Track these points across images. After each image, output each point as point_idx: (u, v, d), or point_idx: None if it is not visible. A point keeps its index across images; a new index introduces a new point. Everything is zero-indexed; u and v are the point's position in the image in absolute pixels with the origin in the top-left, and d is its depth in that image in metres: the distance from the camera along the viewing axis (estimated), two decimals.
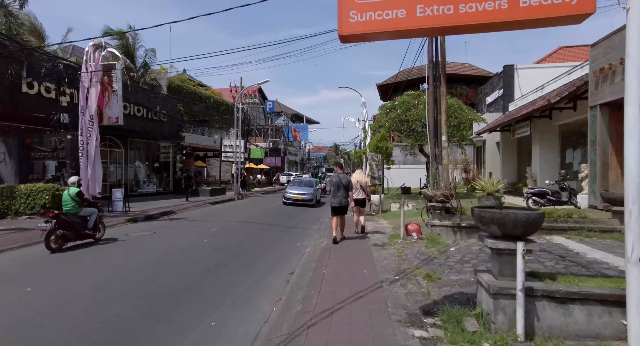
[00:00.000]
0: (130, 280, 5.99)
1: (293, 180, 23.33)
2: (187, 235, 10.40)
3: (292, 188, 19.80)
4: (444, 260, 6.52)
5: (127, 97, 19.87)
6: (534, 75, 22.38)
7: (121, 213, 14.16)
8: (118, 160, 20.18)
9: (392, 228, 10.71)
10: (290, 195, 19.13)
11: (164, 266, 6.95)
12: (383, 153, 14.51)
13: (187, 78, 40.45)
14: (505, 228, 3.53)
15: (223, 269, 6.80)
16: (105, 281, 5.90)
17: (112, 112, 12.95)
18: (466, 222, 8.08)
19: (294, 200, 18.86)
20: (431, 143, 8.90)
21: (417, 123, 18.51)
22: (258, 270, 6.86)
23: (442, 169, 8.58)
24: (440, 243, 7.73)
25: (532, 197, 12.85)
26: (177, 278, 6.13)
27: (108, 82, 12.70)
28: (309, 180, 22.08)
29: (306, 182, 21.40)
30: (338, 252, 7.61)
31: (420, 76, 32.49)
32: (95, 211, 9.00)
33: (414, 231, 8.74)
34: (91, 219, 8.83)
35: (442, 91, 8.67)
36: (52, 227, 7.90)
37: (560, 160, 17.24)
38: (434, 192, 8.21)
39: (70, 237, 8.27)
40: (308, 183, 20.86)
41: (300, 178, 24.80)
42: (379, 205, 14.37)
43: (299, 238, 10.25)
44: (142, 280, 5.99)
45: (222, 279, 6.17)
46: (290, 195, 19.13)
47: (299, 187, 20.01)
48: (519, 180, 21.32)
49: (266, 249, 8.65)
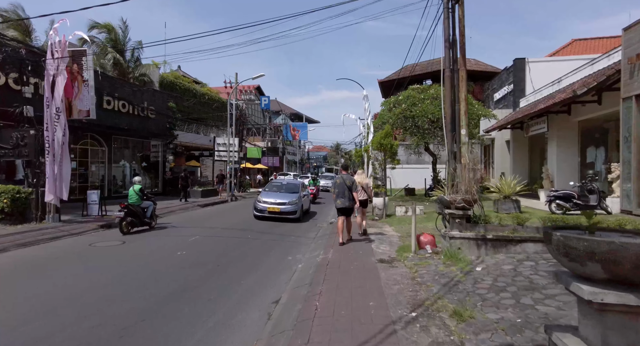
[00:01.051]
0: (51, 320, 4.54)
1: (270, 184, 16.26)
2: (161, 245, 8.97)
3: (266, 196, 13.83)
4: (471, 285, 5.07)
5: (111, 92, 18.50)
6: (547, 69, 20.91)
7: (96, 217, 12.73)
8: (101, 160, 18.75)
9: (399, 238, 9.26)
10: (264, 205, 13.23)
11: (115, 291, 5.51)
12: (387, 151, 13.06)
13: (181, 75, 39.04)
14: (620, 269, 2.07)
15: (188, 295, 5.36)
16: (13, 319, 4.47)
17: (83, 105, 11.50)
18: (492, 234, 6.64)
19: (269, 212, 13.05)
20: (448, 139, 7.48)
21: (424, 119, 17.08)
22: (234, 296, 5.42)
23: (461, 169, 7.16)
24: (461, 260, 6.29)
25: (556, 200, 11.41)
26: (123, 311, 4.69)
27: (78, 70, 11.26)
28: (291, 184, 15.65)
29: (288, 187, 15.09)
30: (336, 271, 6.17)
31: (424, 72, 31.10)
32: (152, 204, 11.21)
33: (428, 243, 7.30)
34: (149, 210, 11.01)
35: (462, 76, 7.26)
36: (124, 215, 10.09)
37: (580, 160, 15.79)
38: (453, 197, 6.77)
39: (136, 223, 10.53)
40: (290, 188, 14.87)
41: (281, 180, 17.41)
42: (383, 209, 12.93)
43: (292, 249, 8.81)
44: (74, 316, 4.55)
45: (183, 312, 4.73)
46: (264, 205, 13.23)
47: (276, 194, 14.01)
48: (530, 180, 19.86)
49: (250, 265, 7.21)
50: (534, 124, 17.19)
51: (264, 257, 7.92)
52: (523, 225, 6.73)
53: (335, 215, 14.97)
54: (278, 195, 13.85)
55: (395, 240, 8.94)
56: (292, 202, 13.41)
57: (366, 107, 14.95)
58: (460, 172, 7.22)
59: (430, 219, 11.36)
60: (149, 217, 10.95)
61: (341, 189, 8.46)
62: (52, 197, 10.62)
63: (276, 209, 13.04)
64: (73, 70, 11.08)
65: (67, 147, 10.87)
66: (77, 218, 12.37)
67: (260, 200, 13.54)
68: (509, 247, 6.51)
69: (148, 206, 10.99)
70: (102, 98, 17.85)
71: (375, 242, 8.71)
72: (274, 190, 14.74)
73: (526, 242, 6.45)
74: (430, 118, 16.98)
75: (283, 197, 13.60)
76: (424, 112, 17.00)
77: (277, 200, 13.38)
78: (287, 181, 16.98)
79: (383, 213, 12.90)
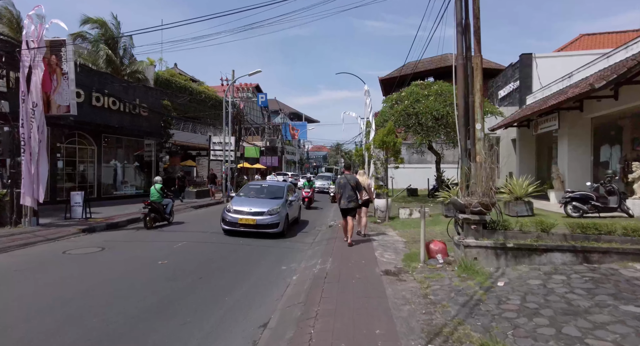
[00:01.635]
0: None
1: (247, 186, 12.83)
2: (142, 252, 8.15)
3: (239, 203, 10.53)
4: (495, 306, 4.27)
5: (100, 88, 17.68)
6: (555, 65, 20.11)
7: (80, 220, 11.92)
8: (90, 159, 17.92)
9: (405, 244, 8.45)
10: (234, 216, 9.91)
11: (78, 309, 4.69)
12: (391, 150, 12.23)
13: (177, 72, 38.23)
14: None
15: (162, 315, 4.55)
16: None
17: (62, 100, 10.67)
18: (513, 242, 5.83)
19: (241, 225, 9.83)
20: (461, 134, 6.68)
21: (427, 116, 16.25)
22: (216, 316, 4.62)
23: (475, 168, 6.36)
24: (479, 273, 5.49)
25: (572, 202, 10.60)
26: (80, 336, 3.88)
27: (56, 62, 10.43)
28: (274, 187, 12.26)
29: (270, 190, 11.82)
30: (335, 285, 5.36)
31: (427, 69, 30.31)
32: (171, 201, 12.34)
33: (439, 252, 6.48)
34: (168, 207, 12.08)
35: (477, 64, 6.46)
36: (148, 211, 10.98)
37: (593, 159, 14.99)
38: (468, 200, 5.96)
39: (158, 219, 11.46)
40: (272, 192, 11.56)
41: (259, 183, 13.30)
42: (386, 212, 12.11)
43: (286, 256, 8.00)
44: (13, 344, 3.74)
45: (150, 340, 3.92)
46: (234, 216, 9.91)
47: (252, 201, 10.70)
48: (537, 180, 19.07)
49: (239, 275, 6.40)
50: (544, 121, 16.38)
51: (254, 266, 7.10)
52: (548, 231, 5.92)
53: (334, 217, 14.26)
54: (254, 202, 10.50)
55: (400, 247, 8.13)
56: (273, 210, 9.98)
57: (367, 102, 14.13)
58: (474, 171, 6.41)
59: (436, 222, 10.57)
60: (168, 213, 12.06)
61: (345, 189, 8.40)
62: (28, 199, 9.81)
63: (250, 221, 9.69)
64: (51, 62, 10.26)
65: (45, 145, 10.08)
66: (59, 222, 11.56)
67: (229, 209, 10.11)
68: (533, 257, 5.71)
69: (168, 203, 12.14)
70: (90, 94, 17.08)
71: (379, 248, 7.90)
72: (251, 195, 11.46)
73: (552, 251, 5.64)
74: (435, 115, 16.17)
75: (261, 205, 10.23)
76: (427, 108, 16.18)
77: (252, 208, 9.99)
78: (270, 183, 13.28)
79: (386, 216, 12.09)
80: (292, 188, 13.04)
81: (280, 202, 10.66)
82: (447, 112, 15.99)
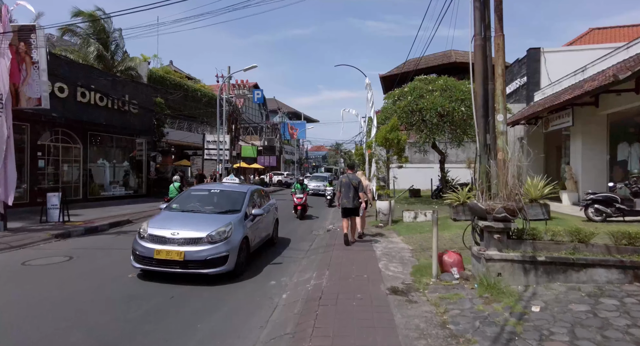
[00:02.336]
0: None
1: (185, 194, 8.15)
2: (111, 263, 7.14)
3: (162, 222, 6.48)
4: (537, 343, 3.31)
5: (86, 83, 16.72)
6: (565, 60, 19.16)
7: (56, 224, 10.95)
8: (75, 158, 16.95)
9: (412, 252, 7.50)
10: (149, 246, 5.89)
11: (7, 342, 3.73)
12: (394, 147, 11.28)
13: (173, 70, 37.27)
14: None
15: None
16: None
17: (33, 92, 9.70)
18: (545, 255, 4.87)
19: (157, 262, 5.81)
20: (479, 127, 5.73)
21: (432, 112, 15.29)
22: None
23: (495, 166, 5.41)
24: (506, 294, 4.53)
25: (594, 204, 9.65)
26: None
27: (25, 50, 9.46)
28: (228, 193, 7.87)
29: (221, 199, 7.74)
30: (332, 309, 4.41)
31: (429, 66, 29.33)
32: None
33: (454, 265, 5.53)
34: None
35: (498, 44, 5.52)
36: None
37: (609, 157, 14.04)
38: (490, 205, 5.00)
39: None
40: (224, 203, 7.53)
41: (207, 188, 8.80)
42: (389, 215, 11.16)
43: (277, 268, 7.03)
44: None
45: None
46: (149, 246, 5.89)
47: (186, 218, 6.79)
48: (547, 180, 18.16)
49: (218, 294, 5.43)
50: (555, 118, 15.44)
51: (237, 281, 6.12)
52: (587, 242, 4.96)
53: (332, 220, 13.32)
54: (189, 220, 6.55)
55: (407, 256, 7.18)
56: (218, 235, 6.00)
57: (369, 97, 13.18)
58: (494, 171, 5.46)
59: (445, 227, 9.61)
60: None
61: (347, 189, 8.27)
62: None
63: (175, 255, 5.73)
64: (20, 50, 9.30)
65: (13, 142, 9.11)
66: (31, 226, 10.60)
67: (143, 234, 6.09)
68: (569, 274, 4.75)
69: None
70: (75, 89, 16.13)
71: (383, 258, 6.94)
72: (189, 207, 7.24)
73: (594, 266, 4.69)
74: (440, 111, 15.21)
75: (198, 225, 6.25)
76: (432, 104, 15.21)
77: (179, 232, 5.96)
78: (223, 187, 8.36)
79: (389, 219, 11.14)
80: (262, 194, 8.98)
81: (235, 218, 6.54)
82: (453, 108, 15.06)
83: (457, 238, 8.63)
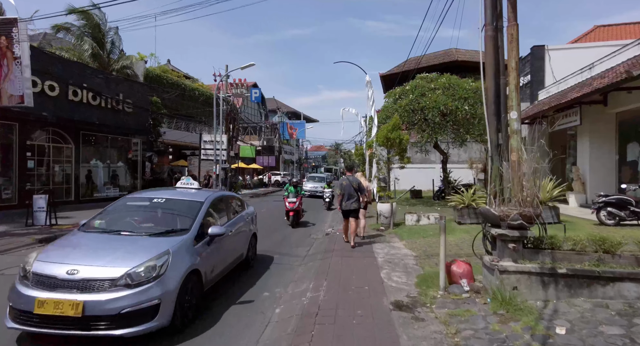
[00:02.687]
0: None
1: (117, 206, 5.63)
2: None
3: (58, 254, 4.23)
4: None
5: (78, 81, 16.24)
6: (570, 57, 18.73)
7: (42, 227, 10.49)
8: (67, 158, 16.47)
9: (415, 259, 7.02)
10: (28, 294, 3.70)
11: None
12: (396, 147, 10.80)
13: (170, 69, 36.79)
14: None
15: None
16: None
17: (15, 89, 9.23)
18: (566, 266, 4.40)
19: (42, 322, 3.60)
20: (490, 125, 5.26)
21: (434, 111, 14.81)
22: None
23: (509, 168, 4.94)
24: (523, 310, 4.06)
25: (606, 207, 9.18)
26: None
27: (7, 45, 8.99)
28: (177, 204, 5.60)
29: (165, 213, 5.47)
30: (330, 329, 3.94)
31: (430, 64, 28.85)
32: None
33: (463, 276, 5.05)
34: None
35: (512, 34, 5.04)
36: None
37: (618, 158, 13.58)
38: (504, 211, 4.53)
39: None
40: (169, 218, 5.38)
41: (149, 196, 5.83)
42: (390, 217, 10.68)
43: (271, 277, 6.55)
44: None
45: None
46: (28, 294, 3.70)
47: (98, 249, 4.41)
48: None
49: (195, 314, 4.95)
50: (562, 117, 14.98)
51: (225, 292, 5.65)
52: (613, 253, 4.48)
53: (332, 223, 12.83)
54: (99, 249, 4.44)
55: (411, 263, 6.70)
56: (141, 273, 3.93)
57: (369, 94, 12.70)
58: (508, 172, 4.99)
59: (448, 230, 8.92)
60: None
61: (347, 191, 8.25)
62: None
63: (68, 307, 3.56)
64: (1, 45, 8.84)
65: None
66: (16, 230, 10.13)
67: (26, 271, 4.03)
68: (594, 288, 4.28)
69: None
70: (67, 88, 15.64)
71: (385, 266, 6.47)
72: (115, 227, 5.05)
73: (622, 280, 4.22)
74: (442, 110, 14.74)
75: (110, 256, 4.13)
76: (434, 103, 14.73)
77: (77, 270, 3.83)
78: (172, 194, 6.13)
79: (390, 223, 10.66)
80: (232, 203, 6.78)
81: (178, 243, 4.50)
82: (455, 106, 14.58)
83: (462, 244, 8.18)
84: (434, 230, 9.80)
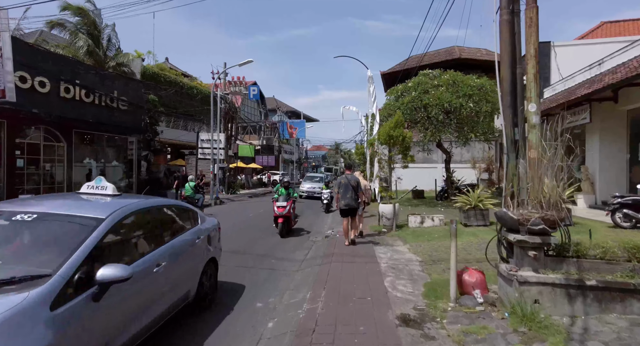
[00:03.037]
0: None
1: None
2: None
3: None
4: None
5: (71, 78, 15.74)
6: (576, 54, 18.27)
7: None
8: (59, 157, 15.97)
9: (421, 265, 6.52)
10: None
11: None
12: (399, 145, 10.31)
13: (168, 67, 36.28)
14: None
15: None
16: None
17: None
18: (595, 277, 3.90)
19: None
20: (506, 119, 4.77)
21: (438, 109, 14.31)
22: None
23: (526, 167, 4.45)
24: (549, 329, 3.56)
25: (622, 209, 8.68)
26: None
27: None
28: (47, 228, 3.19)
29: (28, 240, 3.14)
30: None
31: (433, 62, 28.33)
32: (202, 196, 14.31)
33: (477, 286, 4.55)
34: (200, 201, 13.84)
35: (531, 18, 4.55)
36: None
37: (629, 156, 13.07)
38: (524, 214, 4.03)
39: None
40: (26, 252, 3.06)
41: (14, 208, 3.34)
42: (392, 219, 10.18)
43: (265, 284, 6.06)
44: None
45: None
46: None
47: None
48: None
49: (182, 332, 4.46)
50: (570, 115, 14.45)
51: (213, 307, 5.16)
52: None
53: (331, 225, 12.34)
54: None
55: (416, 270, 6.21)
56: None
57: (371, 90, 12.20)
58: (526, 171, 4.50)
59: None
60: (200, 206, 13.27)
61: (346, 189, 8.33)
62: None
63: None
64: None
65: None
66: None
67: None
68: (629, 303, 3.79)
69: (199, 198, 13.87)
70: (58, 84, 15.14)
71: (389, 273, 5.97)
72: None
73: None
74: (446, 108, 14.24)
75: None
76: (438, 100, 14.23)
77: None
78: (48, 207, 3.46)
79: (393, 224, 10.16)
80: (175, 217, 4.54)
81: (16, 305, 2.28)
82: (460, 103, 14.08)
83: (470, 248, 7.68)
84: (439, 233, 9.31)
